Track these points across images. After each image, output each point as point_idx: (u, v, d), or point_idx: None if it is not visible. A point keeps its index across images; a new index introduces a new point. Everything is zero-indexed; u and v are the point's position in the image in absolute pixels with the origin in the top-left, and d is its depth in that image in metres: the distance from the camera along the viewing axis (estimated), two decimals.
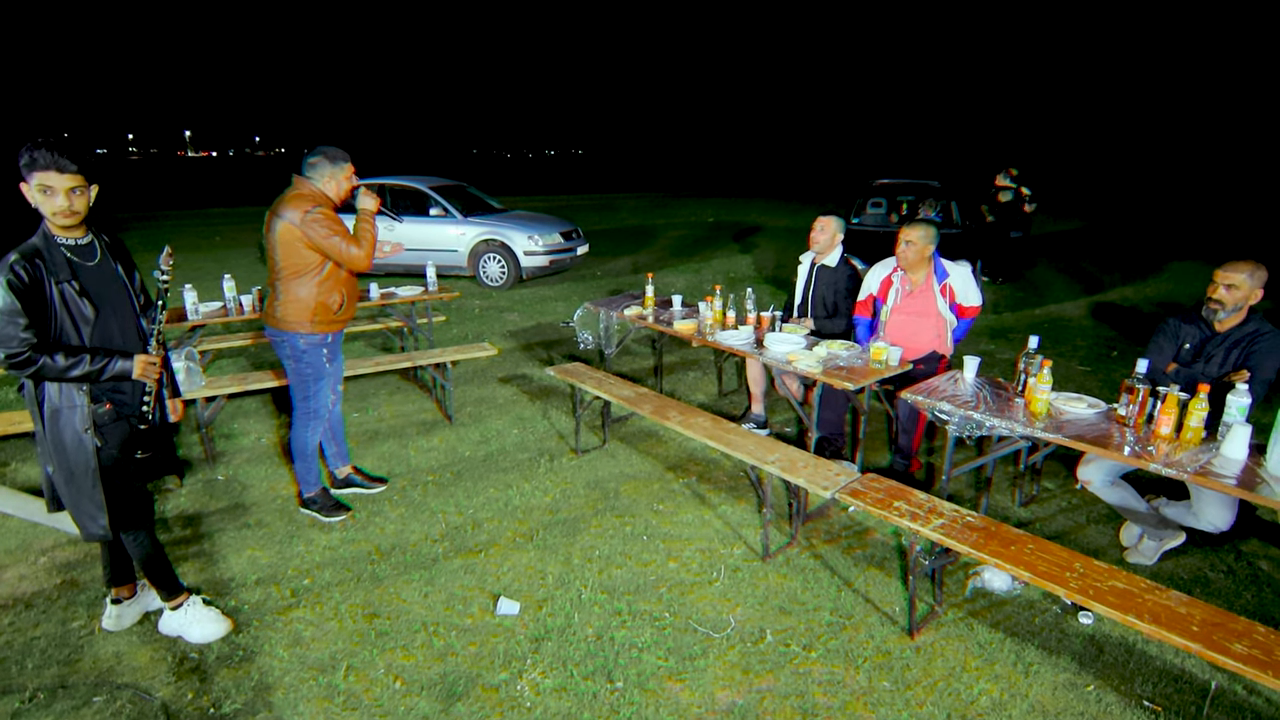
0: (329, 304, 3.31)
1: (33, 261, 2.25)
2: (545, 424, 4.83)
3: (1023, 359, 3.06)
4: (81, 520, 2.47)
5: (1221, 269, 2.99)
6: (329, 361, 3.44)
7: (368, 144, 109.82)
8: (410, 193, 9.99)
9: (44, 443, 2.39)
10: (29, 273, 2.23)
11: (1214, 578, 3.10)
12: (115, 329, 2.43)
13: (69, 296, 2.31)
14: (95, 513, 2.45)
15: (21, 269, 2.22)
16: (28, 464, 4.18)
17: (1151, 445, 2.55)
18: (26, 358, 2.21)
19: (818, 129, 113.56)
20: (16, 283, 2.20)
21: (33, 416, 2.39)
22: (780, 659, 2.60)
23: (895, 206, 9.65)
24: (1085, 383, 5.51)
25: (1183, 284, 9.87)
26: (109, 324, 2.41)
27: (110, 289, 2.44)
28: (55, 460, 2.39)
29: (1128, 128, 60.02)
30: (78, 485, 2.42)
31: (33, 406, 2.37)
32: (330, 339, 3.41)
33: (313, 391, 3.42)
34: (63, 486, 2.43)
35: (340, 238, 3.19)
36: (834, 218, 4.33)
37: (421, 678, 2.51)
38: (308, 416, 3.46)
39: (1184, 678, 2.51)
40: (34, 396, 2.36)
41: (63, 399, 2.35)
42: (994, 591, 2.97)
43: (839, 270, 4.34)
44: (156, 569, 2.65)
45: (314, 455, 3.55)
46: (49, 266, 2.28)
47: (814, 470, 3.11)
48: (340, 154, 3.32)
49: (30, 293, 2.22)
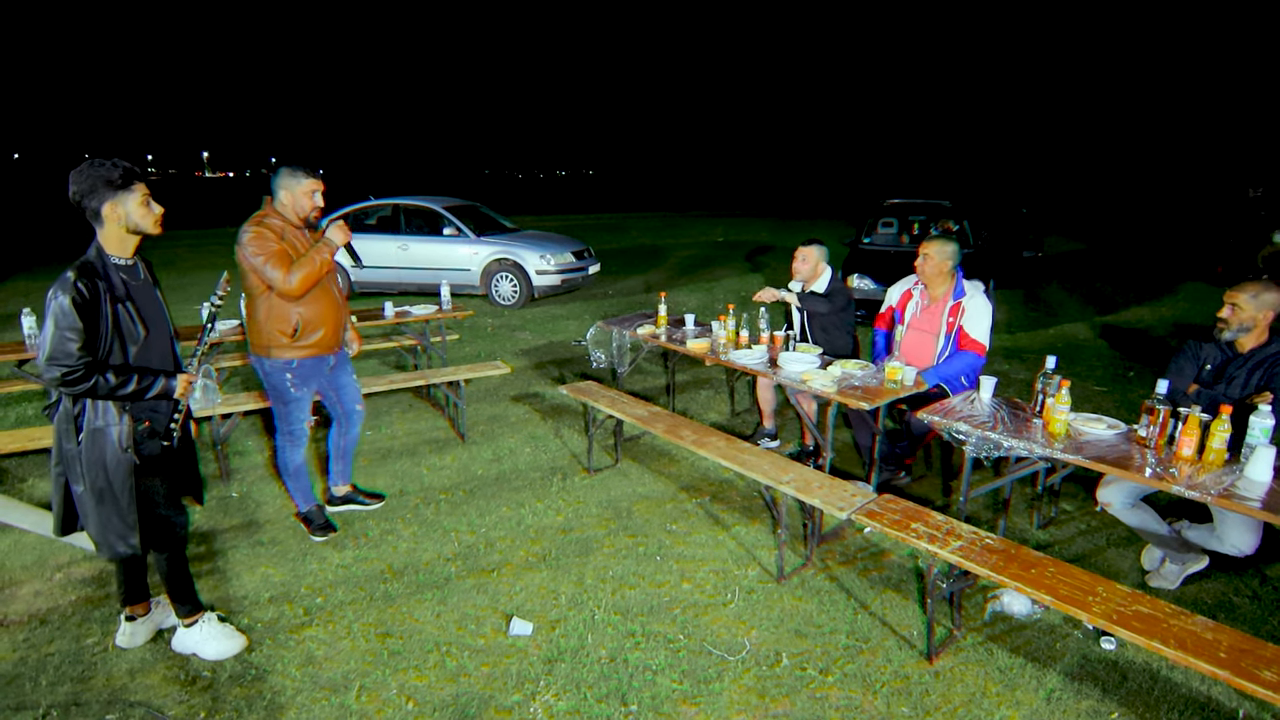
0: (283, 329, 3.18)
1: (93, 280, 2.28)
2: (558, 443, 4.82)
3: (1040, 379, 3.04)
4: (109, 539, 2.45)
5: (1229, 289, 3.00)
6: (294, 387, 3.32)
7: (382, 165, 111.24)
8: (424, 212, 10.10)
9: (76, 461, 2.37)
10: (90, 290, 2.26)
11: (1239, 602, 3.04)
12: (156, 349, 2.47)
13: (122, 316, 2.34)
14: (126, 532, 2.45)
15: (84, 286, 2.25)
16: (45, 480, 4.21)
17: (1173, 467, 2.52)
18: (82, 375, 2.23)
19: (827, 148, 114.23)
20: (79, 299, 2.23)
21: (62, 435, 2.38)
22: (796, 683, 2.56)
23: (906, 226, 9.66)
24: (1102, 403, 5.46)
25: (1198, 305, 9.79)
26: (152, 344, 2.45)
27: (153, 309, 2.49)
28: (88, 479, 2.37)
29: (1143, 147, 60.01)
30: (111, 504, 2.41)
31: (66, 425, 2.36)
32: (296, 364, 3.27)
33: (283, 414, 3.39)
34: (92, 506, 2.41)
35: (266, 258, 3.02)
36: (815, 246, 4.35)
37: (434, 699, 2.49)
38: (284, 437, 3.45)
39: (1210, 705, 2.45)
40: (70, 414, 2.35)
41: (103, 418, 2.36)
42: (1014, 615, 2.92)
43: (829, 293, 4.32)
44: (180, 586, 2.66)
45: (299, 473, 3.53)
46: (108, 285, 2.32)
47: (829, 491, 3.09)
48: (301, 168, 3.18)
49: (89, 310, 2.25)
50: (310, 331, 3.26)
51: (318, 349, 3.31)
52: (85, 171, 2.29)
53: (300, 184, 3.18)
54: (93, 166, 2.30)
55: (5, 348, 4.60)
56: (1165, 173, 45.51)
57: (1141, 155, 57.39)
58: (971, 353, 3.81)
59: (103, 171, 2.29)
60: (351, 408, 3.65)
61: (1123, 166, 54.83)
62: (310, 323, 3.25)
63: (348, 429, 3.68)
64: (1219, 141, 51.71)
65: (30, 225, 22.86)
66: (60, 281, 2.24)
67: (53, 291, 2.22)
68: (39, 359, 2.26)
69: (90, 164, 2.31)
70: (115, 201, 2.32)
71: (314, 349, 3.30)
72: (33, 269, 12.86)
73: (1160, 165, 50.04)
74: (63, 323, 2.20)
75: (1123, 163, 56.79)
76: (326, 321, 3.31)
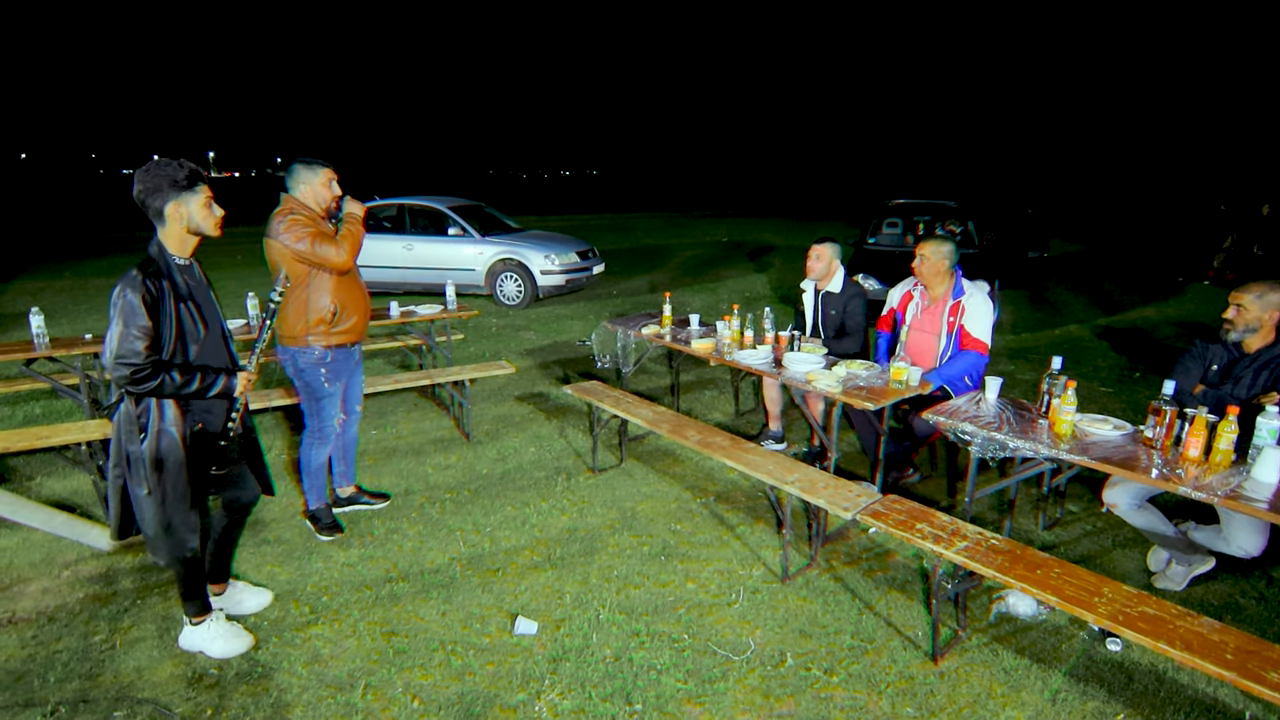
0: (321, 315, 3.26)
1: (158, 279, 2.30)
2: (562, 442, 4.83)
3: (1046, 380, 3.03)
4: (168, 542, 2.46)
5: (1234, 290, 3.00)
6: (328, 382, 3.38)
7: (387, 165, 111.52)
8: (429, 212, 10.12)
9: (139, 464, 2.36)
10: (157, 289, 2.28)
11: (1245, 604, 3.03)
12: (213, 348, 2.49)
13: (184, 315, 2.36)
14: (188, 534, 2.47)
15: (152, 285, 2.27)
16: (52, 478, 4.23)
17: (1180, 468, 2.51)
18: (149, 374, 2.24)
19: (832, 148, 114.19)
20: (149, 298, 2.24)
21: (124, 436, 2.37)
22: (801, 683, 2.56)
23: (911, 227, 9.64)
24: (1108, 404, 5.44)
25: (1204, 305, 9.76)
26: (210, 343, 2.47)
27: (210, 309, 2.52)
28: (151, 482, 2.37)
29: (1149, 147, 59.80)
30: (173, 507, 2.42)
31: (129, 426, 2.36)
32: (330, 357, 3.36)
33: (314, 410, 3.43)
34: (154, 509, 2.41)
35: (313, 239, 3.13)
36: (829, 244, 4.34)
37: (439, 697, 2.50)
38: (312, 435, 3.47)
39: (1217, 707, 2.44)
40: (132, 416, 2.35)
41: (167, 420, 2.37)
42: (1019, 616, 2.92)
43: (845, 293, 4.33)
44: (195, 583, 2.67)
45: (319, 472, 3.55)
46: (171, 284, 2.33)
47: (834, 491, 3.09)
48: (314, 160, 3.30)
49: (156, 309, 2.27)
50: (346, 317, 3.36)
51: (351, 335, 3.41)
52: (151, 170, 2.31)
53: (317, 175, 3.26)
54: (159, 166, 2.32)
55: (13, 347, 4.63)
56: (1166, 173, 45.33)
57: (1144, 156, 57.20)
58: (974, 352, 3.80)
59: (169, 171, 2.31)
60: (352, 407, 3.67)
61: (1126, 167, 54.65)
62: (346, 307, 3.35)
63: (346, 427, 3.69)
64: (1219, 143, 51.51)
65: (36, 225, 22.98)
66: (128, 279, 2.25)
67: (120, 289, 2.23)
68: (104, 357, 2.27)
69: (156, 163, 2.33)
70: (179, 201, 2.34)
71: (347, 335, 3.39)
72: (39, 269, 12.94)
73: (1161, 166, 49.87)
74: (131, 321, 2.21)
75: (1126, 164, 56.61)
76: (359, 308, 3.43)
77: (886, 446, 3.82)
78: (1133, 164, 55.28)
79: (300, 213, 3.19)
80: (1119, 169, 54.81)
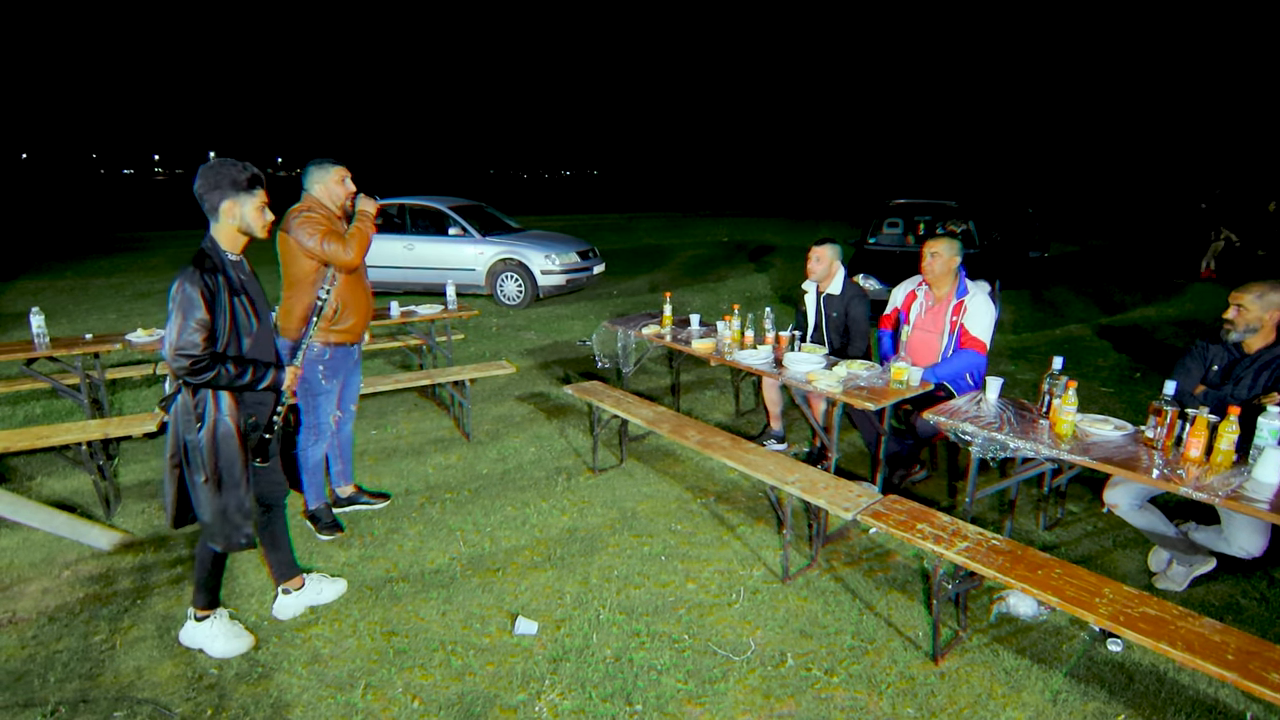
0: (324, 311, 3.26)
1: (214, 274, 2.36)
2: (562, 442, 4.83)
3: (1046, 380, 3.03)
4: (226, 529, 2.51)
5: (1234, 290, 2.99)
6: (325, 379, 3.40)
7: (388, 165, 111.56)
8: (429, 212, 10.12)
9: (197, 452, 2.42)
10: (214, 283, 2.35)
11: (1246, 605, 3.02)
12: (263, 341, 2.55)
13: (238, 308, 2.42)
14: (242, 522, 2.53)
15: (209, 279, 2.33)
16: (53, 478, 4.23)
17: (1181, 468, 2.51)
18: (206, 365, 2.31)
19: (832, 148, 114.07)
20: (206, 293, 2.31)
21: (182, 426, 2.42)
22: (802, 684, 2.56)
23: (912, 227, 9.64)
24: (1108, 404, 5.44)
25: (1204, 305, 9.74)
26: (262, 335, 2.53)
27: (261, 303, 2.57)
28: (209, 470, 2.44)
29: (1149, 147, 59.76)
30: (230, 494, 2.49)
31: (187, 416, 2.41)
32: (329, 354, 3.37)
33: (310, 406, 3.43)
34: (211, 498, 2.46)
35: (323, 235, 3.15)
36: (829, 246, 4.33)
37: (439, 697, 2.50)
38: (309, 431, 3.47)
39: (1218, 708, 2.44)
40: (189, 406, 2.40)
41: (223, 410, 2.43)
42: (1020, 617, 2.92)
43: (845, 295, 4.32)
44: (215, 575, 2.70)
45: (316, 469, 3.56)
46: (225, 279, 2.39)
47: (834, 491, 3.08)
48: (326, 159, 3.35)
49: (212, 303, 2.34)
50: (346, 316, 3.38)
51: (349, 335, 3.43)
52: (216, 168, 2.39)
53: (329, 173, 3.31)
54: (224, 164, 2.40)
55: (13, 346, 4.63)
56: (1166, 173, 45.28)
57: (1143, 156, 57.16)
58: (972, 351, 3.79)
59: (232, 171, 2.39)
60: (347, 406, 3.67)
61: (1126, 167, 54.62)
62: (347, 307, 3.37)
63: (341, 425, 3.69)
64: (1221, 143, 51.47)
65: (37, 225, 22.99)
66: (186, 274, 2.31)
67: (179, 283, 2.30)
68: (163, 350, 2.35)
69: (221, 161, 2.40)
70: (236, 201, 2.41)
71: (346, 335, 3.41)
72: (40, 268, 12.94)
73: (1161, 166, 49.83)
74: (190, 314, 2.28)
75: (1126, 164, 56.58)
76: (359, 309, 3.45)
77: (888, 446, 3.82)
78: (1133, 164, 55.24)
79: (317, 211, 3.23)
80: (1119, 169, 54.76)
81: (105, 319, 8.70)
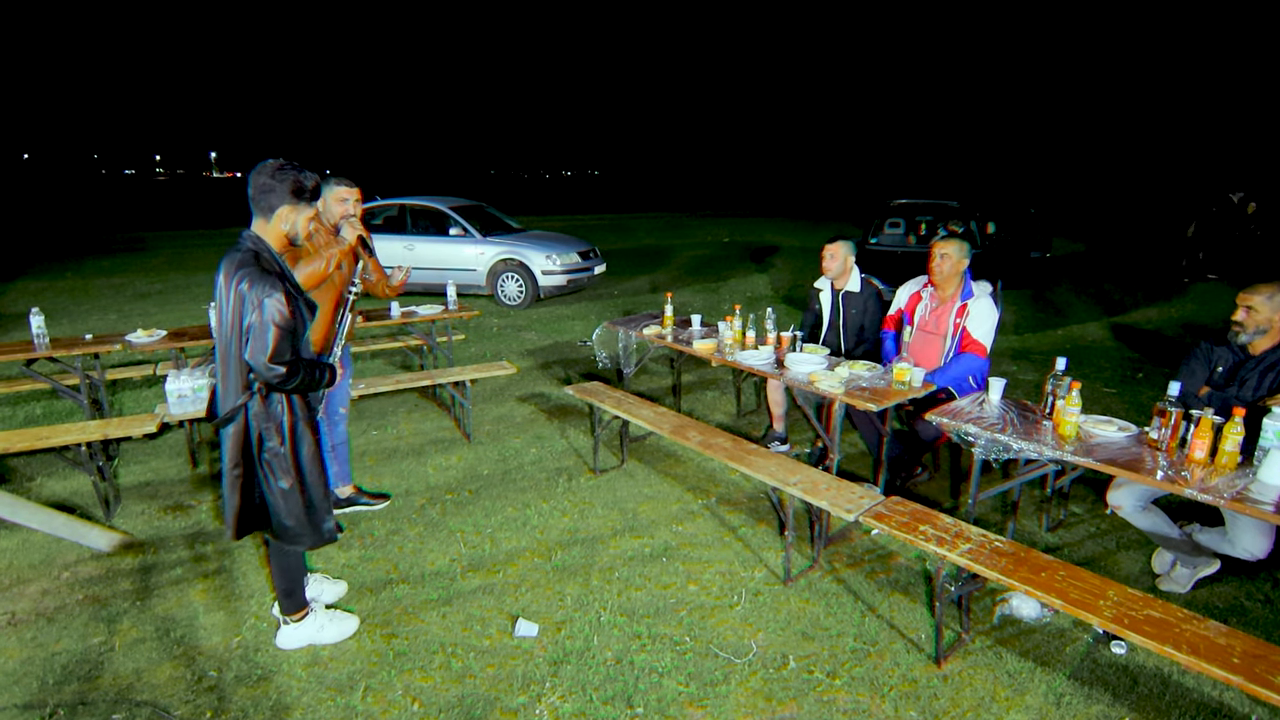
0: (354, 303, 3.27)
1: (281, 277, 2.33)
2: (563, 443, 4.82)
3: (1050, 380, 3.02)
4: (315, 526, 2.54)
5: (1243, 291, 2.97)
6: None
7: (389, 165, 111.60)
8: (430, 213, 10.11)
9: (279, 460, 2.41)
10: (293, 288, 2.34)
11: (1251, 607, 3.01)
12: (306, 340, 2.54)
13: (300, 310, 2.38)
14: (327, 516, 2.56)
15: (290, 286, 2.32)
16: (53, 479, 4.22)
17: (1185, 470, 2.49)
18: (293, 370, 2.30)
19: (833, 148, 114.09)
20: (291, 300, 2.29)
21: (260, 434, 2.39)
22: (804, 686, 2.55)
23: (914, 227, 9.62)
24: (1112, 405, 5.42)
25: (1207, 305, 9.72)
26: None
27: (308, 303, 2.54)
28: (294, 474, 2.45)
29: (1151, 146, 59.72)
30: (314, 491, 2.51)
31: (267, 423, 2.39)
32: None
33: None
34: (296, 499, 2.47)
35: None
36: (842, 243, 4.32)
37: (439, 700, 2.48)
38: None
39: (1223, 711, 2.42)
40: (269, 414, 2.38)
41: (298, 412, 2.44)
42: (1023, 619, 2.90)
43: (864, 293, 4.32)
44: (299, 578, 2.72)
45: None
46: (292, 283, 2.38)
47: (836, 493, 3.07)
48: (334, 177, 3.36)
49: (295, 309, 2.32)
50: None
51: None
52: (284, 170, 2.34)
53: (331, 191, 3.33)
54: (292, 168, 2.35)
55: (13, 347, 4.62)
56: (1166, 173, 45.24)
57: (1144, 156, 57.11)
58: (972, 354, 3.78)
59: (299, 178, 2.35)
60: (335, 409, 3.63)
61: (1126, 167, 54.57)
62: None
63: (331, 427, 3.66)
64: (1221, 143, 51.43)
65: (38, 225, 23.01)
66: (267, 281, 2.24)
67: (264, 290, 2.22)
68: (257, 359, 2.24)
69: (289, 165, 2.36)
70: (295, 208, 2.37)
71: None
72: (41, 269, 12.94)
73: (1161, 166, 49.78)
74: (283, 323, 2.25)
75: (1126, 164, 56.53)
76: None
77: (890, 448, 3.80)
78: (1133, 164, 55.18)
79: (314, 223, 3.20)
80: (1120, 169, 54.71)
81: (105, 319, 8.70)
